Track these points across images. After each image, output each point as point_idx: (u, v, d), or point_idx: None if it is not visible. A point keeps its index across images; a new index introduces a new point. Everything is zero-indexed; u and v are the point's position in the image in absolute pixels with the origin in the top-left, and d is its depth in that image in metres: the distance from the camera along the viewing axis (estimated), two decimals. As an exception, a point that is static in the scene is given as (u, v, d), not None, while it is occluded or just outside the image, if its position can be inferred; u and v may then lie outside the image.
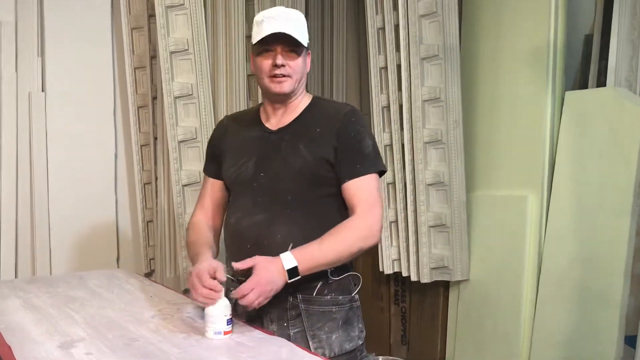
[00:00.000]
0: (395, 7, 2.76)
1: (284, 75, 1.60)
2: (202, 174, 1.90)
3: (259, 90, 2.91)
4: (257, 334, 1.55)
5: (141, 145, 2.80)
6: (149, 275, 2.82)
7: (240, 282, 1.52)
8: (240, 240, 1.64)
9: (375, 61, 2.88)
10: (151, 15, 2.72)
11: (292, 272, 1.50)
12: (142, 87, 2.78)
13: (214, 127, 2.66)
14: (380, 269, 2.96)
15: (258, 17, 1.63)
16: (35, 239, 2.53)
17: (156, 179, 2.80)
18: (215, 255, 1.68)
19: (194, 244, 1.72)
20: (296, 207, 1.62)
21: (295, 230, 1.59)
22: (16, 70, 2.52)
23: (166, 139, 2.61)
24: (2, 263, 2.47)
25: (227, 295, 1.51)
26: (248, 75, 2.92)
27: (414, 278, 2.84)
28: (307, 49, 1.66)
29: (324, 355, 1.60)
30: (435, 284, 2.93)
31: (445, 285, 2.99)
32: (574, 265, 2.44)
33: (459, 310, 2.91)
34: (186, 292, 2.61)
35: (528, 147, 2.62)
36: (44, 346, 1.44)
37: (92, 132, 2.70)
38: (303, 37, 1.61)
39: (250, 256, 1.52)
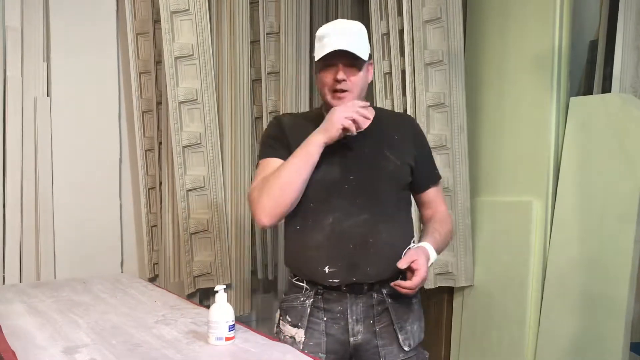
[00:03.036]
0: (400, 12, 2.77)
1: (344, 91, 1.67)
2: (255, 163, 1.86)
3: (263, 95, 2.94)
4: (261, 339, 1.56)
5: (146, 150, 2.80)
6: (152, 280, 2.82)
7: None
8: (341, 239, 1.66)
9: (379, 66, 2.88)
10: (156, 21, 2.73)
11: None
12: (147, 92, 2.79)
13: (218, 132, 2.69)
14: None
15: (319, 33, 1.69)
16: (40, 243, 2.53)
17: (160, 183, 2.80)
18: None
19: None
20: (392, 207, 1.73)
21: (394, 229, 1.71)
22: (22, 75, 2.53)
23: (171, 144, 2.61)
24: (7, 267, 2.47)
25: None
26: (252, 81, 2.93)
27: (418, 284, 2.83)
28: (369, 59, 1.72)
29: (409, 346, 1.72)
30: (440, 290, 2.92)
31: (450, 291, 2.98)
32: (578, 271, 2.43)
33: (463, 316, 2.90)
34: (190, 297, 2.61)
35: (533, 152, 2.62)
36: (47, 351, 1.44)
37: (96, 137, 2.70)
38: (363, 51, 1.67)
39: (352, 255, 1.64)
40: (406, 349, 1.71)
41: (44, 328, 1.65)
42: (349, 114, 1.62)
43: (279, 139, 1.75)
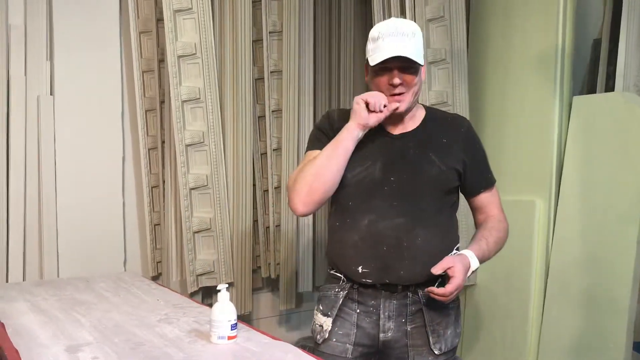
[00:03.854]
0: (403, 10, 2.76)
1: (400, 94, 1.63)
2: (303, 154, 1.86)
3: (266, 94, 2.94)
4: (263, 338, 1.56)
5: (149, 149, 2.80)
6: (155, 278, 2.82)
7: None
8: (375, 241, 1.64)
9: (382, 65, 2.88)
10: (159, 19, 2.73)
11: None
12: (150, 90, 2.79)
13: (221, 131, 2.69)
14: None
15: (373, 33, 1.64)
16: (43, 242, 2.54)
17: (163, 182, 2.80)
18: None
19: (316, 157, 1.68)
20: (431, 211, 1.67)
21: (432, 234, 1.66)
22: (25, 74, 2.53)
23: (173, 143, 2.62)
24: (10, 266, 2.48)
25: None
26: (255, 79, 2.93)
27: (420, 283, 2.83)
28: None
29: (440, 350, 1.68)
30: (442, 289, 2.92)
31: (452, 290, 2.98)
32: (581, 270, 2.43)
33: (466, 315, 2.90)
34: (193, 295, 2.62)
35: (536, 152, 2.61)
36: (50, 350, 1.45)
37: (100, 136, 2.70)
38: (420, 54, 1.63)
39: (385, 257, 1.63)
40: (437, 352, 1.68)
41: (46, 326, 1.66)
42: (365, 94, 1.63)
43: (326, 132, 1.75)
